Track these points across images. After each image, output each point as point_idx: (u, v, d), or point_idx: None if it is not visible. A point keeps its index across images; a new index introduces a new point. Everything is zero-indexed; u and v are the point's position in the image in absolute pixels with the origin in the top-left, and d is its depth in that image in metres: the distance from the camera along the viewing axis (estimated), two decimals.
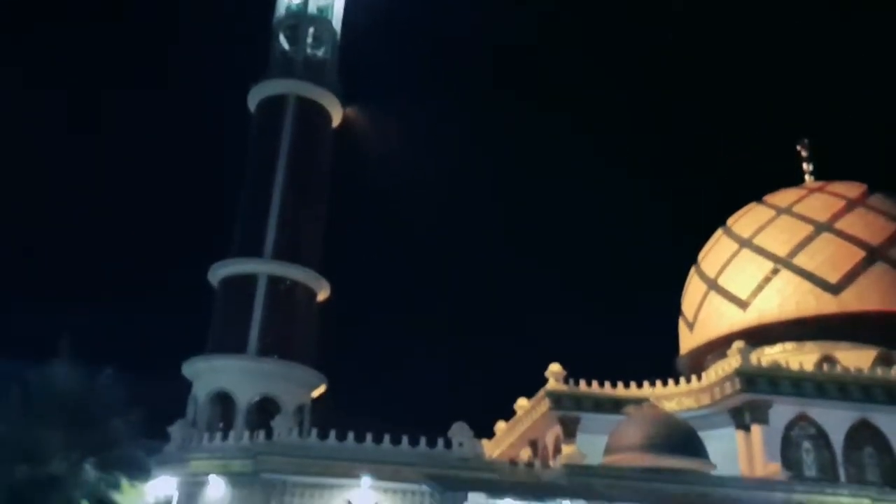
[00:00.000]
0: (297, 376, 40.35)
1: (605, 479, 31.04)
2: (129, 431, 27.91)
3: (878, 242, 47.83)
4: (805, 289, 47.33)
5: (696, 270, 55.61)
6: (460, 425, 32.55)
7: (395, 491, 30.81)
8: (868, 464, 37.15)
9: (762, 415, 37.13)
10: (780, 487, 32.05)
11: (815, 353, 44.53)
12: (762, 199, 55.47)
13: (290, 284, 42.17)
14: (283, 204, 43.64)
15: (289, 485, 30.86)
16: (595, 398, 40.87)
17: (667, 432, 33.64)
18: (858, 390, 38.02)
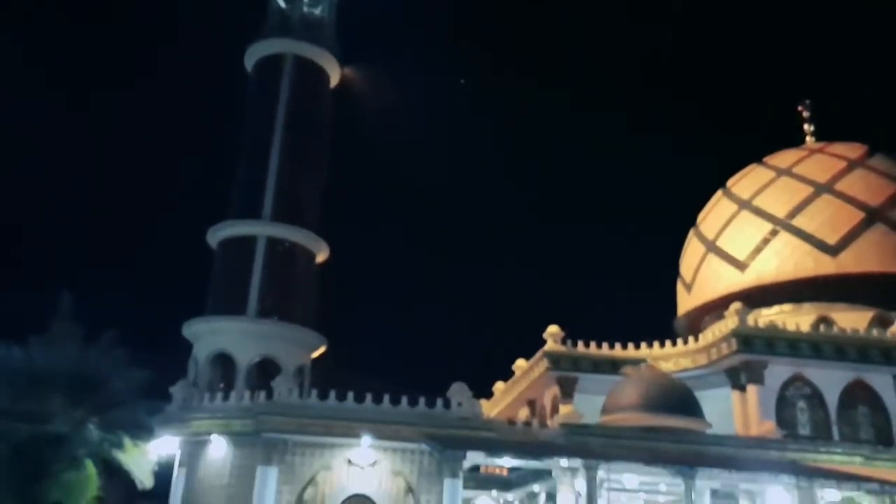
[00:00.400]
0: (296, 337, 40.60)
1: (601, 438, 31.49)
2: (131, 392, 28.12)
3: (878, 203, 47.79)
4: (803, 250, 47.42)
5: (694, 232, 55.65)
6: (459, 385, 32.89)
7: (395, 450, 31.27)
8: (862, 423, 37.71)
9: (758, 375, 37.57)
10: (773, 446, 32.53)
11: (812, 314, 44.82)
12: (762, 161, 55.27)
13: (289, 246, 42.16)
14: (282, 165, 43.38)
15: (289, 444, 31.32)
16: (593, 359, 41.30)
17: (663, 392, 34.03)
18: (854, 351, 38.39)
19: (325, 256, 44.37)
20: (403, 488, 30.89)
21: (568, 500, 29.61)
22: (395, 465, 31.18)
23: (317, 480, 31.01)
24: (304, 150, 44.78)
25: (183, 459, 33.81)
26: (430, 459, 30.81)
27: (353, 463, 31.16)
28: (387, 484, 30.97)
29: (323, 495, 30.78)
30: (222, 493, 32.38)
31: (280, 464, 31.07)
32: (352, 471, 31.11)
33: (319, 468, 31.17)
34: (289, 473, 31.01)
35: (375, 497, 30.71)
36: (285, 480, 30.93)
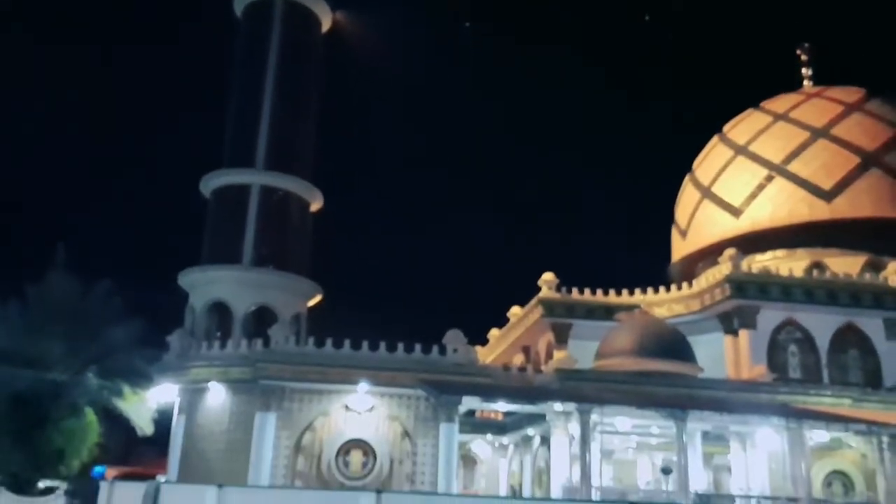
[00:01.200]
0: (292, 286, 40.77)
1: (595, 383, 31.90)
2: (129, 341, 28.34)
3: (874, 148, 47.53)
4: (798, 196, 47.35)
5: (690, 178, 55.45)
6: (455, 332, 33.16)
7: (392, 396, 31.68)
8: (851, 366, 38.30)
9: (750, 320, 37.97)
10: (764, 389, 33.03)
11: (806, 259, 45.04)
12: (759, 105, 54.74)
13: (283, 195, 41.98)
14: (274, 113, 42.88)
15: (287, 391, 31.70)
16: (587, 305, 41.64)
17: (656, 337, 34.40)
18: (846, 295, 38.72)
19: (320, 205, 44.23)
20: (400, 433, 31.40)
21: (562, 443, 30.15)
22: (391, 411, 31.64)
23: (314, 426, 31.48)
24: (297, 98, 44.21)
25: (182, 406, 34.27)
26: (427, 405, 31.26)
27: (350, 409, 31.59)
28: (383, 429, 31.46)
29: (321, 441, 31.29)
30: (222, 438, 32.89)
31: (278, 410, 31.52)
32: (349, 416, 31.56)
33: (317, 414, 31.61)
34: (287, 419, 31.48)
35: (372, 442, 31.23)
36: (283, 426, 31.41)
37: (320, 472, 30.87)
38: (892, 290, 39.13)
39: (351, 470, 30.95)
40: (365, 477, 30.75)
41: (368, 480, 30.42)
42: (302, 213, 43.10)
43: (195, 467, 32.52)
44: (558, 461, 29.92)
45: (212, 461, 32.43)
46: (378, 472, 30.89)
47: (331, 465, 30.88)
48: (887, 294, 38.99)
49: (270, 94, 43.28)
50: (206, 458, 32.73)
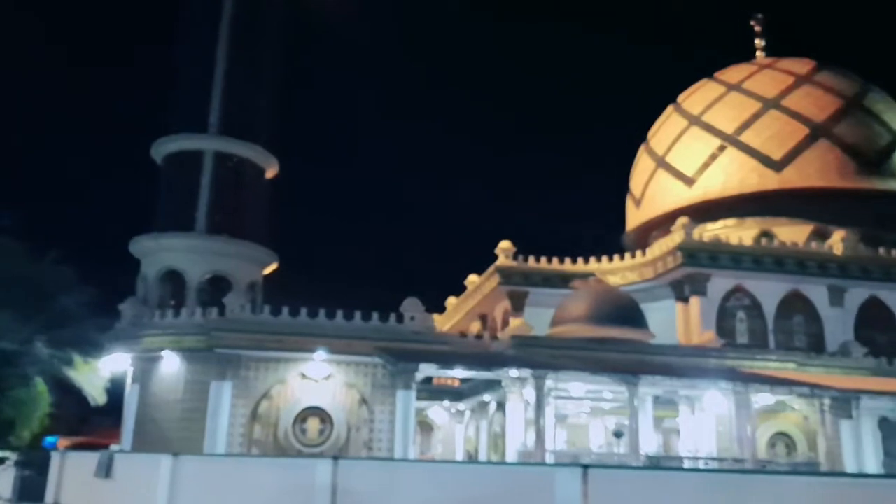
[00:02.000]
0: (247, 254, 40.27)
1: (550, 349, 32.41)
2: (80, 309, 27.69)
3: (822, 119, 48.67)
4: (749, 166, 48.34)
5: (645, 148, 56.11)
6: (412, 300, 33.27)
7: (349, 363, 31.72)
8: (796, 331, 39.61)
9: (701, 287, 38.91)
10: (713, 354, 33.96)
11: (755, 228, 46.21)
12: (713, 76, 55.45)
13: (238, 161, 41.20)
14: (228, 76, 41.81)
15: (243, 359, 31.49)
16: (543, 273, 42.13)
17: (610, 305, 35.01)
18: (792, 263, 39.89)
19: (276, 172, 43.56)
20: (357, 400, 31.53)
21: (517, 408, 30.61)
22: (348, 378, 31.71)
23: (271, 394, 31.39)
24: (252, 61, 43.12)
25: (135, 376, 33.81)
26: (384, 372, 31.39)
27: (307, 377, 31.55)
28: (341, 396, 31.55)
29: (277, 409, 31.24)
30: (176, 407, 32.59)
31: (234, 379, 31.32)
32: (306, 384, 31.54)
33: (273, 382, 31.51)
34: (243, 388, 31.32)
35: (329, 409, 31.31)
36: (239, 395, 31.26)
37: (277, 440, 30.87)
38: (837, 258, 40.45)
39: (308, 437, 31.03)
40: (322, 444, 30.88)
41: (326, 447, 30.55)
42: (257, 180, 42.42)
43: (150, 437, 32.21)
44: (514, 426, 30.40)
45: (166, 430, 32.14)
46: (335, 439, 31.03)
47: (288, 433, 30.90)
48: (831, 262, 40.30)
49: (224, 56, 42.15)
50: (161, 427, 32.43)
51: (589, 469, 13.25)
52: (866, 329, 39.62)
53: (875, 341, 38.68)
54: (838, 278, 40.07)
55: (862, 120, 49.03)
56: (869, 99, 50.68)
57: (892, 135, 49.35)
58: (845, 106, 49.32)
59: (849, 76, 52.29)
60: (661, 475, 15.63)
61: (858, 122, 48.82)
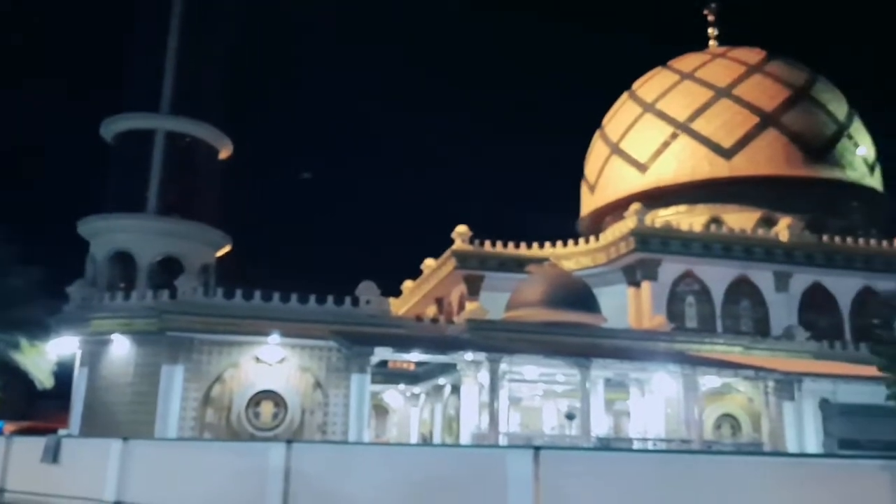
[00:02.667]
0: (200, 235, 39.66)
1: (504, 333, 32.76)
2: (27, 291, 27.05)
3: (772, 108, 49.85)
4: (700, 153, 49.32)
5: (600, 134, 56.75)
6: (368, 284, 33.20)
7: (303, 347, 31.58)
8: (743, 316, 40.78)
9: (652, 272, 39.71)
10: (662, 338, 34.74)
11: (705, 214, 47.29)
12: (667, 64, 56.25)
13: (190, 141, 40.45)
14: (180, 54, 40.90)
15: (195, 342, 31.12)
16: (499, 258, 42.48)
17: (564, 289, 35.48)
18: (740, 249, 40.98)
19: (229, 152, 42.89)
20: (312, 384, 31.44)
21: (472, 391, 30.89)
22: (303, 362, 31.59)
23: (224, 378, 31.11)
24: (206, 39, 42.20)
25: (84, 359, 33.11)
26: (339, 356, 31.33)
27: (260, 360, 31.32)
28: (295, 380, 31.42)
29: (231, 392, 30.99)
30: (126, 391, 32.07)
31: (186, 362, 30.94)
32: (260, 368, 31.33)
33: (226, 366, 31.22)
34: (195, 371, 30.97)
35: (284, 393, 31.17)
36: (191, 378, 30.91)
37: (230, 424, 30.65)
38: (783, 244, 41.68)
39: (261, 421, 30.87)
40: (276, 428, 30.76)
41: (279, 431, 30.45)
42: (210, 161, 41.71)
43: (99, 421, 31.65)
44: (468, 409, 30.69)
45: (116, 414, 31.62)
46: (289, 422, 30.94)
47: (241, 417, 30.69)
48: (777, 248, 41.49)
49: (177, 34, 41.18)
50: (111, 411, 31.88)
51: (540, 451, 13.51)
52: (809, 313, 41.01)
53: (817, 325, 40.09)
54: (784, 264, 41.29)
55: (809, 110, 50.39)
56: (816, 89, 52.07)
57: (837, 125, 50.84)
58: (793, 96, 50.60)
59: (797, 66, 53.60)
60: (610, 456, 16.01)
61: (806, 111, 50.16)
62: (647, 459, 15.05)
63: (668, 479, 12.72)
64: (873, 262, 42.45)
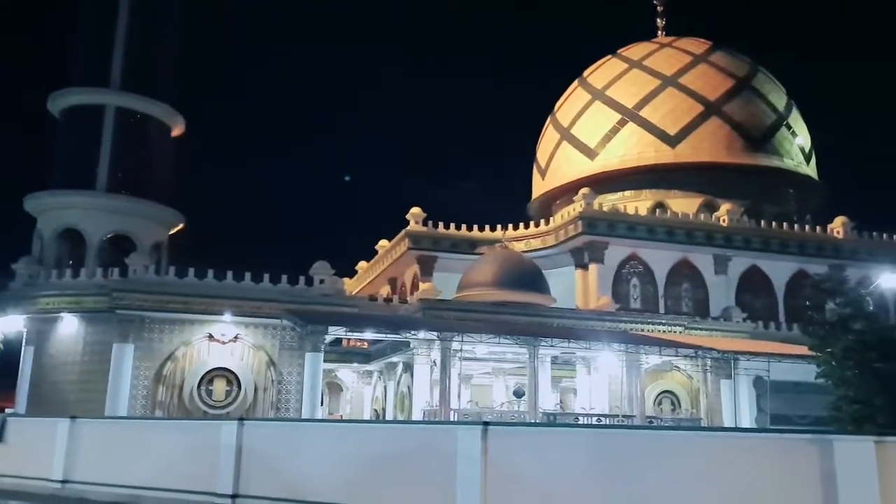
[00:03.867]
0: (151, 213, 39.27)
1: (456, 312, 33.48)
2: None
3: (715, 98, 51.37)
4: (647, 140, 50.63)
5: (551, 120, 57.61)
6: (322, 264, 33.48)
7: (257, 325, 31.78)
8: (684, 297, 42.38)
9: (599, 254, 40.92)
10: (608, 318, 35.92)
11: (650, 199, 48.71)
12: (617, 52, 57.27)
13: (141, 117, 39.85)
14: (131, 29, 40.09)
15: (147, 321, 31.05)
16: (452, 239, 43.13)
17: (514, 270, 36.34)
18: (682, 233, 42.51)
19: (182, 130, 42.38)
20: (265, 362, 31.70)
21: (424, 369, 31.50)
22: (257, 340, 31.80)
23: (176, 356, 31.13)
24: (157, 15, 41.43)
25: (30, 337, 32.70)
26: (293, 334, 31.59)
27: (213, 338, 31.43)
28: (248, 358, 31.63)
29: (183, 370, 31.05)
30: (75, 370, 31.86)
31: (137, 341, 30.87)
32: (213, 346, 31.43)
33: (179, 344, 31.25)
34: (146, 350, 30.93)
35: (237, 370, 31.36)
36: (142, 357, 30.87)
37: (182, 402, 30.75)
38: (722, 228, 43.33)
39: (214, 399, 31.06)
40: (229, 405, 30.99)
41: (232, 409, 30.70)
42: (162, 138, 41.18)
43: (47, 400, 31.38)
44: (420, 386, 31.34)
45: (65, 393, 31.42)
46: (242, 400, 31.19)
47: (193, 395, 30.82)
48: (717, 232, 43.13)
49: (127, 7, 40.35)
50: (59, 390, 31.65)
51: (489, 426, 14.22)
52: (746, 295, 42.85)
53: (754, 306, 41.94)
54: (723, 248, 42.95)
55: (750, 100, 52.09)
56: (757, 80, 53.79)
57: (776, 115, 52.70)
58: (736, 86, 52.20)
59: (740, 57, 55.22)
60: (554, 431, 16.82)
61: (747, 101, 51.85)
62: (588, 434, 15.85)
63: (609, 452, 13.51)
64: (807, 246, 44.48)
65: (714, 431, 21.41)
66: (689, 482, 12.17)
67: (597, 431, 17.96)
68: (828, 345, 21.60)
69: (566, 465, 13.44)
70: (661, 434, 16.54)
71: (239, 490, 17.05)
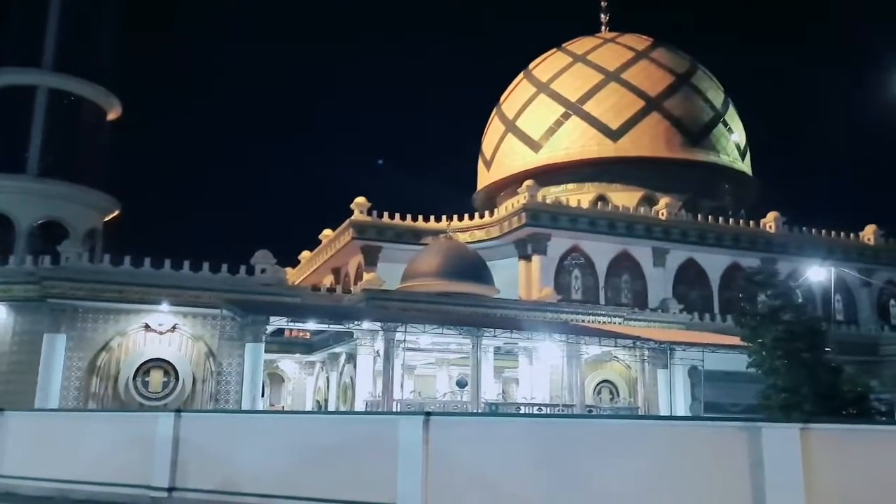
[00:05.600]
0: (85, 199, 38.08)
1: (400, 303, 33.49)
2: None
3: (656, 93, 52.51)
4: (590, 134, 51.43)
5: (497, 112, 57.97)
6: (263, 252, 32.99)
7: (195, 315, 31.13)
8: (624, 288, 43.30)
9: (542, 246, 41.47)
10: (550, 308, 36.44)
11: (593, 192, 49.56)
12: (562, 46, 57.94)
13: (75, 100, 38.54)
14: (65, 5, 38.65)
15: (80, 310, 30.10)
16: (396, 229, 43.07)
17: (458, 261, 36.52)
18: (623, 226, 43.38)
19: (119, 114, 41.12)
20: (204, 352, 31.10)
21: (367, 360, 31.37)
22: (195, 330, 31.16)
23: (111, 346, 30.27)
24: None
25: None
26: (233, 324, 31.00)
27: (150, 328, 30.67)
28: (186, 348, 30.97)
29: (118, 361, 30.22)
30: (3, 360, 30.63)
31: (69, 331, 29.89)
32: (149, 336, 30.67)
33: (114, 334, 30.38)
34: (79, 340, 29.99)
35: (174, 361, 30.68)
36: (75, 347, 29.92)
37: (117, 394, 29.94)
38: (661, 222, 44.38)
39: (151, 390, 30.34)
40: (166, 397, 30.33)
41: (170, 400, 30.05)
42: (97, 121, 39.90)
43: None
44: (363, 377, 31.22)
45: None
46: (180, 391, 30.55)
47: (129, 386, 30.04)
48: (656, 226, 44.18)
49: None
50: None
51: (431, 416, 14.26)
52: (683, 287, 44.05)
53: (690, 298, 43.14)
54: (661, 241, 44.02)
55: (689, 96, 53.42)
56: (696, 77, 55.16)
57: (714, 111, 54.17)
58: (676, 82, 53.45)
59: (680, 54, 56.53)
60: (495, 420, 17.00)
61: (686, 97, 53.16)
62: (529, 423, 16.05)
63: (549, 440, 13.71)
64: (740, 240, 45.91)
65: (650, 419, 21.95)
66: (625, 468, 12.45)
67: (537, 420, 18.20)
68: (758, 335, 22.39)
69: (507, 454, 13.58)
70: (600, 422, 16.86)
71: (176, 483, 16.70)
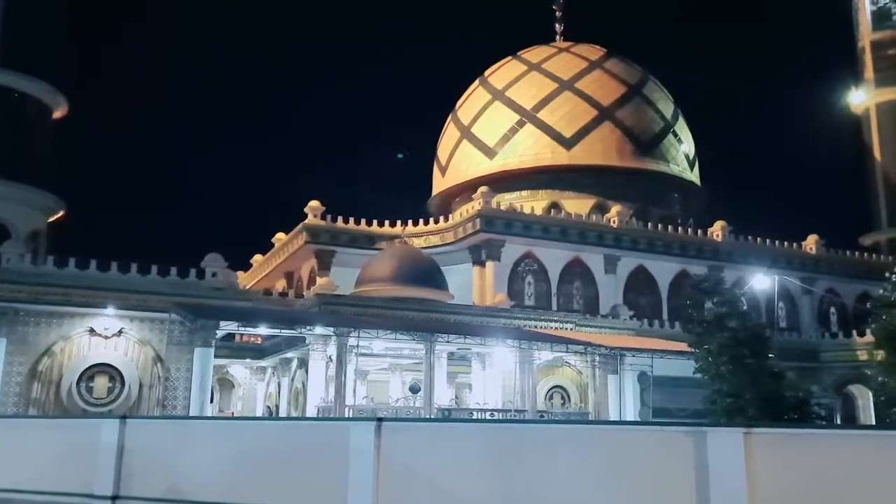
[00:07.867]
0: (28, 199, 37.00)
1: (353, 308, 33.29)
2: None
3: (608, 103, 53.43)
4: (544, 142, 52.05)
5: (452, 118, 58.25)
6: (214, 256, 32.46)
7: (143, 319, 30.41)
8: (575, 295, 43.84)
9: (496, 252, 41.75)
10: (503, 314, 36.68)
11: (546, 199, 50.12)
12: (518, 54, 58.56)
13: (19, 97, 37.43)
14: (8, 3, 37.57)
15: (21, 313, 29.14)
16: (350, 234, 42.87)
17: (412, 266, 36.50)
18: (575, 233, 43.97)
19: (65, 112, 40.05)
20: (151, 357, 30.39)
21: (319, 365, 31.13)
22: (142, 334, 30.44)
23: (53, 351, 29.36)
24: None
25: None
26: (182, 329, 30.40)
27: (95, 332, 29.85)
28: (133, 353, 30.22)
29: (61, 365, 29.32)
30: None
31: (10, 334, 28.88)
32: (94, 340, 29.82)
33: (57, 338, 29.46)
34: (20, 344, 29.01)
35: (120, 366, 29.91)
36: (16, 352, 28.91)
37: (59, 399, 29.05)
38: (612, 229, 45.11)
39: (95, 396, 29.50)
40: (111, 403, 29.54)
41: (115, 406, 29.28)
42: (42, 119, 38.83)
43: None
44: (315, 382, 30.96)
45: None
46: (126, 397, 29.78)
47: (72, 392, 29.18)
48: (608, 233, 44.88)
49: None
50: None
51: (383, 422, 14.20)
52: (633, 294, 44.83)
53: (639, 305, 43.93)
54: (613, 248, 44.74)
55: (640, 106, 54.50)
56: (648, 87, 56.31)
57: (664, 122, 55.36)
58: (628, 92, 54.49)
59: (632, 65, 57.66)
60: (448, 426, 16.99)
61: (637, 108, 54.22)
62: (481, 428, 16.08)
63: (501, 445, 13.76)
64: (688, 248, 46.94)
65: (600, 424, 22.23)
66: (575, 472, 12.58)
67: (489, 425, 18.30)
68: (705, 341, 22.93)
69: (460, 459, 13.58)
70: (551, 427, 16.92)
71: (120, 491, 16.26)
